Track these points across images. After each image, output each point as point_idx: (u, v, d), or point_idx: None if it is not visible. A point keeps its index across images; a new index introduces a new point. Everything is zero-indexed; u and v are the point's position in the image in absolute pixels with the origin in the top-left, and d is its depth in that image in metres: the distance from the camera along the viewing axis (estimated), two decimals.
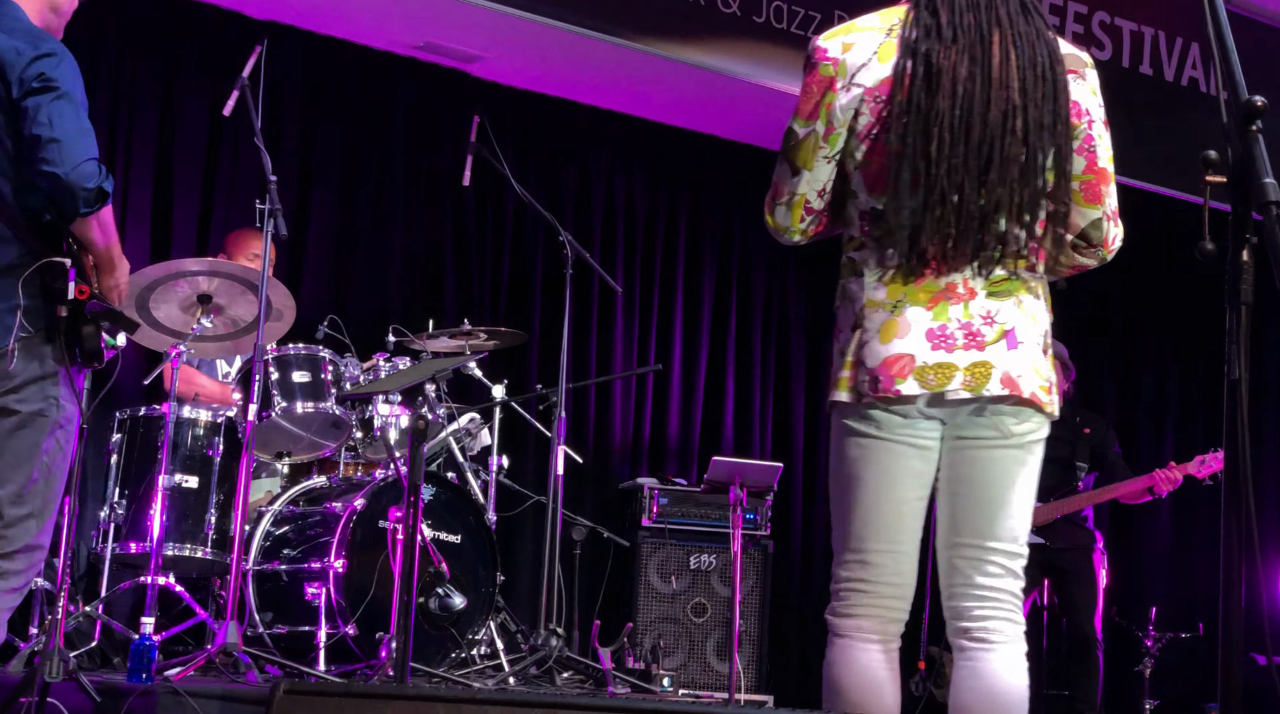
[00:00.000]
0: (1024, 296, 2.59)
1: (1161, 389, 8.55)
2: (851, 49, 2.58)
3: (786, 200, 2.63)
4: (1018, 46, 2.53)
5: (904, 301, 2.55)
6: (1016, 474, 2.62)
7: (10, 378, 3.11)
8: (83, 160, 3.07)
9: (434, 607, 4.71)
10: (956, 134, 2.49)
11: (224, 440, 4.84)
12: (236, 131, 6.15)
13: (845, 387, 2.58)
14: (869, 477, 2.60)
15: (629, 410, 7.26)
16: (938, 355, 2.52)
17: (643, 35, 6.42)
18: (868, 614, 2.62)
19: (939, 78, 2.50)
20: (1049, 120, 2.53)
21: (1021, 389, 2.54)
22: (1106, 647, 6.29)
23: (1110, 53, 7.44)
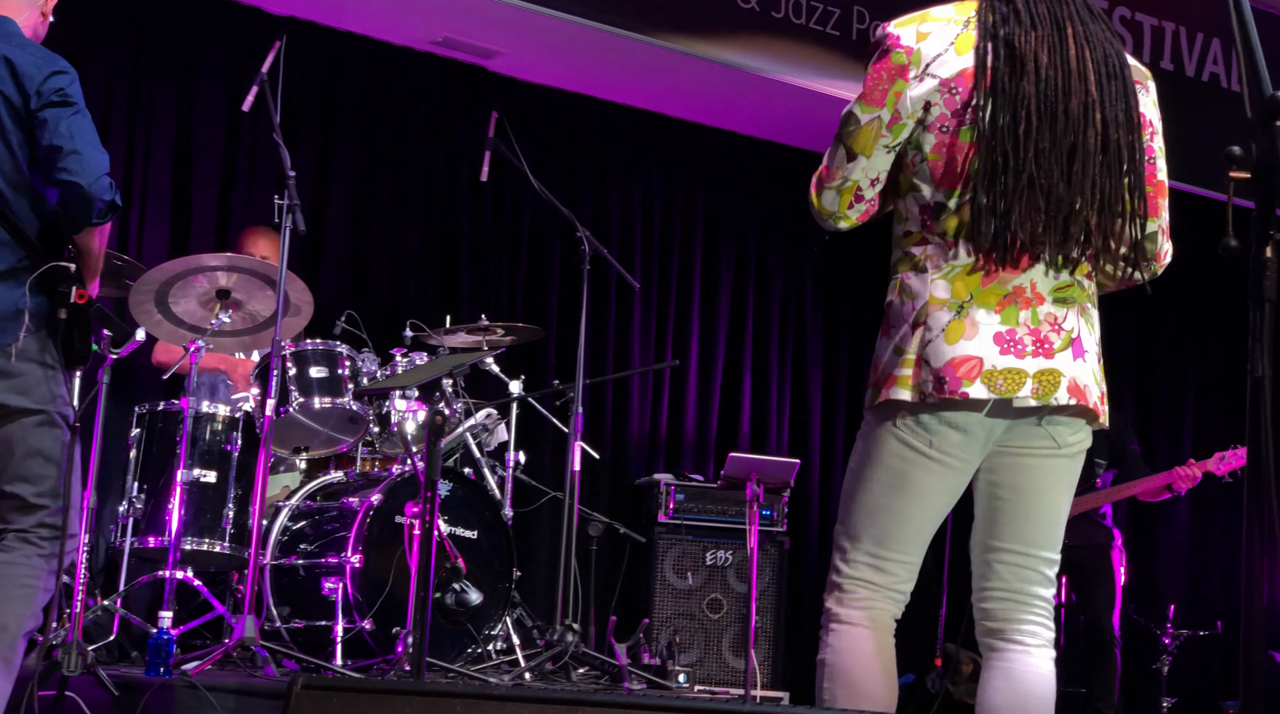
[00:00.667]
0: (1086, 304, 2.57)
1: (1180, 386, 8.52)
2: (927, 39, 2.52)
3: (838, 184, 2.57)
4: (1090, 43, 2.51)
5: (971, 302, 2.49)
6: (1064, 482, 2.61)
7: (19, 376, 3.17)
8: (101, 173, 3.19)
9: (450, 602, 4.71)
10: (1044, 118, 2.45)
11: (242, 435, 4.85)
12: (255, 127, 6.17)
13: (908, 385, 2.49)
14: (907, 492, 2.56)
15: (646, 406, 7.26)
16: (1007, 360, 2.47)
17: (661, 31, 6.42)
18: (874, 608, 2.61)
19: (1023, 62, 2.46)
20: (1123, 119, 2.50)
21: (1087, 398, 2.52)
22: (1124, 644, 6.28)
23: (1131, 48, 7.38)
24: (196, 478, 4.74)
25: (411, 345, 5.37)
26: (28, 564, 3.19)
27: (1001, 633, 2.60)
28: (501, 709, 1.66)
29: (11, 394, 3.17)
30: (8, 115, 3.19)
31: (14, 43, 3.26)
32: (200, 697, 3.74)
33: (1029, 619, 2.60)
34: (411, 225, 6.77)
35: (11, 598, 3.16)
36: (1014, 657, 2.58)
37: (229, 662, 4.18)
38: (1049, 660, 2.59)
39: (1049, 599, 2.62)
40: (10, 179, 3.19)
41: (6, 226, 3.16)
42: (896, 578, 2.61)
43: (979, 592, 2.63)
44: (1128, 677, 6.85)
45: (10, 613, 3.16)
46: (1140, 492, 6.16)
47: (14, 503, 3.21)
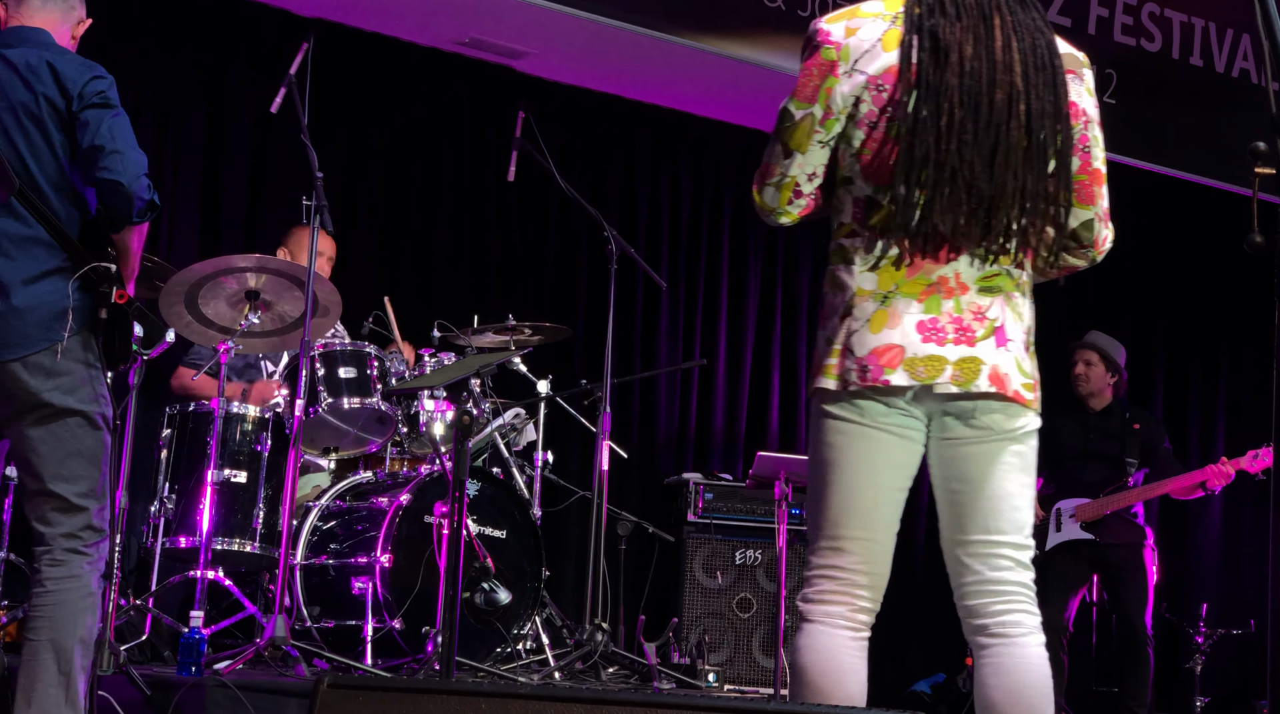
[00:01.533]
0: (1013, 293, 2.58)
1: (1212, 384, 8.47)
2: (855, 34, 2.56)
3: (776, 181, 2.62)
4: (1018, 33, 2.51)
5: (895, 292, 2.53)
6: (1014, 465, 2.60)
7: (64, 375, 3.21)
8: (141, 173, 3.24)
9: (479, 601, 4.73)
10: (967, 110, 2.47)
11: (272, 436, 4.87)
12: (284, 128, 6.19)
13: (831, 374, 2.56)
14: (848, 462, 2.58)
15: (674, 405, 7.26)
16: (928, 348, 2.51)
17: (687, 30, 6.42)
18: (838, 601, 2.59)
19: (947, 53, 2.48)
20: (1050, 110, 2.51)
21: (1007, 387, 2.53)
22: (1157, 643, 6.24)
23: (1160, 44, 7.37)
24: (227, 478, 4.77)
25: (439, 345, 5.39)
26: (83, 575, 3.22)
27: (986, 628, 2.59)
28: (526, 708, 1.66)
29: (57, 393, 3.20)
30: (50, 117, 3.25)
31: (53, 50, 3.33)
32: (232, 696, 3.76)
33: (1010, 609, 2.58)
34: (439, 226, 6.79)
35: (79, 610, 3.20)
36: (1001, 649, 2.56)
37: (260, 661, 4.20)
38: (1038, 646, 2.57)
39: (1026, 584, 2.60)
40: (53, 180, 3.25)
41: (49, 227, 3.21)
42: (856, 558, 2.59)
43: (957, 591, 2.63)
44: (1160, 676, 6.80)
45: (81, 626, 3.19)
46: (1172, 490, 6.13)
47: (56, 504, 3.23)
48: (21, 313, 3.18)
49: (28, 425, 3.22)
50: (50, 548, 3.22)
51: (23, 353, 3.18)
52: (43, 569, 3.21)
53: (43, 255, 3.22)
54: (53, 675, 3.15)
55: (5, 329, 3.18)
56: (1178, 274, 8.25)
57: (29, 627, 3.21)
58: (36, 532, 3.24)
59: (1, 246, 3.21)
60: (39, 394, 3.19)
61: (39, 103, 3.24)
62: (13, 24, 3.40)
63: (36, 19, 3.40)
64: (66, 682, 3.16)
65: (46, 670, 3.16)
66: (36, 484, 3.24)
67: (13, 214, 3.21)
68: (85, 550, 3.24)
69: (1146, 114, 7.26)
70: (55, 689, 3.14)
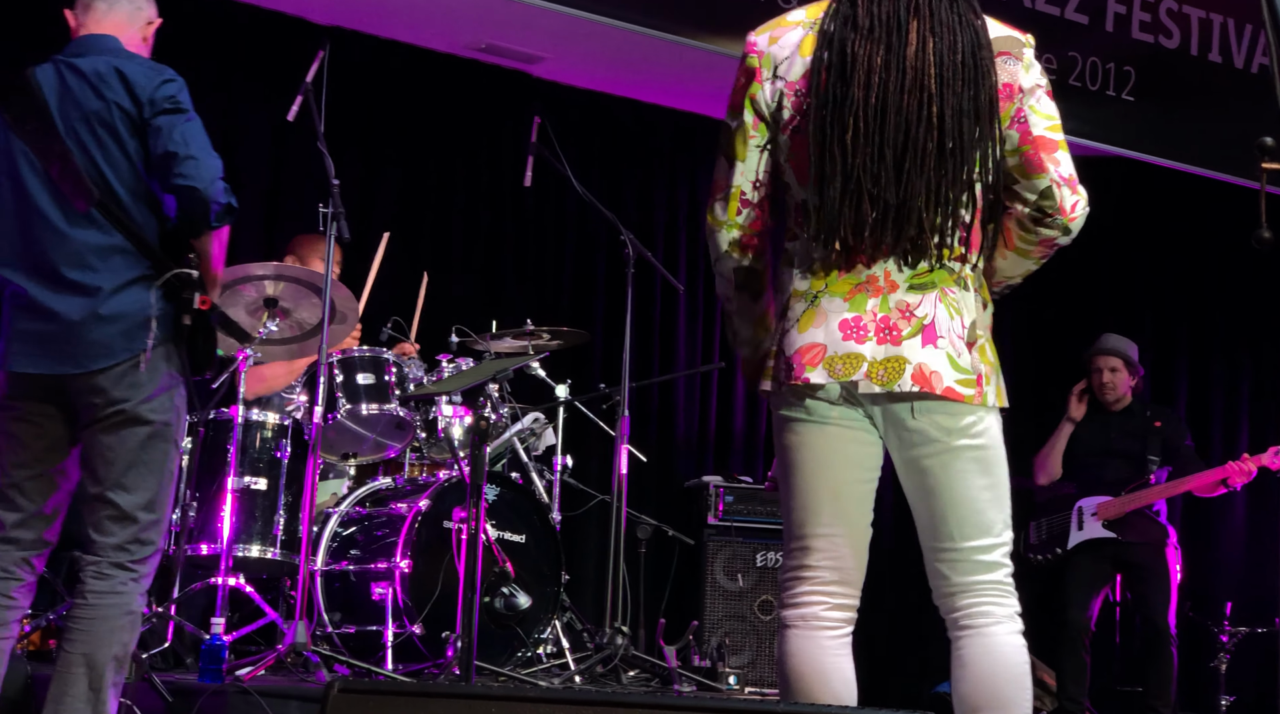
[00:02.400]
0: (950, 288, 2.56)
1: (1234, 380, 8.42)
2: (777, 42, 2.61)
3: (723, 193, 2.65)
4: (936, 34, 2.51)
5: (824, 292, 2.56)
6: (968, 470, 2.58)
7: (143, 387, 3.21)
8: (217, 177, 3.24)
9: (499, 606, 4.74)
10: (871, 124, 2.48)
11: (291, 442, 4.89)
12: (300, 136, 6.20)
13: (768, 375, 2.61)
14: (804, 460, 2.60)
15: (693, 408, 7.26)
16: (847, 346, 2.52)
17: (704, 33, 6.42)
18: (811, 602, 2.59)
19: (854, 68, 2.50)
20: (969, 108, 2.50)
21: (934, 385, 2.51)
22: (1181, 642, 6.22)
23: (1178, 41, 7.34)
24: (247, 485, 4.78)
25: (457, 350, 5.40)
26: (126, 591, 3.21)
27: (955, 622, 2.59)
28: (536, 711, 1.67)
29: (136, 403, 3.20)
30: (124, 125, 3.24)
31: (121, 56, 3.32)
32: (253, 702, 3.78)
33: (978, 602, 2.57)
34: (455, 231, 6.80)
35: (117, 627, 3.19)
36: (967, 641, 2.56)
37: (281, 667, 4.21)
38: (1007, 635, 2.55)
39: (998, 580, 2.58)
40: (130, 188, 3.24)
41: (130, 236, 3.21)
42: (824, 555, 2.59)
43: (933, 591, 2.63)
44: (1185, 675, 6.77)
45: (117, 643, 3.19)
46: (1195, 487, 6.10)
47: (111, 512, 3.21)
48: (106, 323, 3.18)
49: (100, 430, 3.21)
50: (99, 559, 3.20)
51: (107, 364, 3.17)
52: (87, 580, 3.20)
53: (124, 264, 3.21)
54: (83, 690, 3.15)
55: (90, 340, 3.17)
56: (1199, 271, 8.20)
57: (65, 637, 3.20)
58: (87, 539, 3.23)
59: (83, 257, 3.20)
60: (119, 404, 3.19)
61: (111, 111, 3.23)
62: (82, 33, 3.39)
63: (104, 24, 3.39)
64: (96, 698, 3.15)
65: (77, 685, 3.15)
66: (96, 489, 3.22)
67: (93, 224, 3.21)
68: (132, 566, 3.22)
69: (1165, 111, 7.24)
70: (84, 705, 3.14)
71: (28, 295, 3.22)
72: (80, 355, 3.18)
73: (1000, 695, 2.52)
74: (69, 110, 3.24)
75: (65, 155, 3.21)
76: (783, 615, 2.62)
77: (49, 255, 3.22)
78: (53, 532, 3.31)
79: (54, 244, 3.22)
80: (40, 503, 3.28)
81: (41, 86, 3.26)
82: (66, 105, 3.25)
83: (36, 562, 3.31)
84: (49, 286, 3.21)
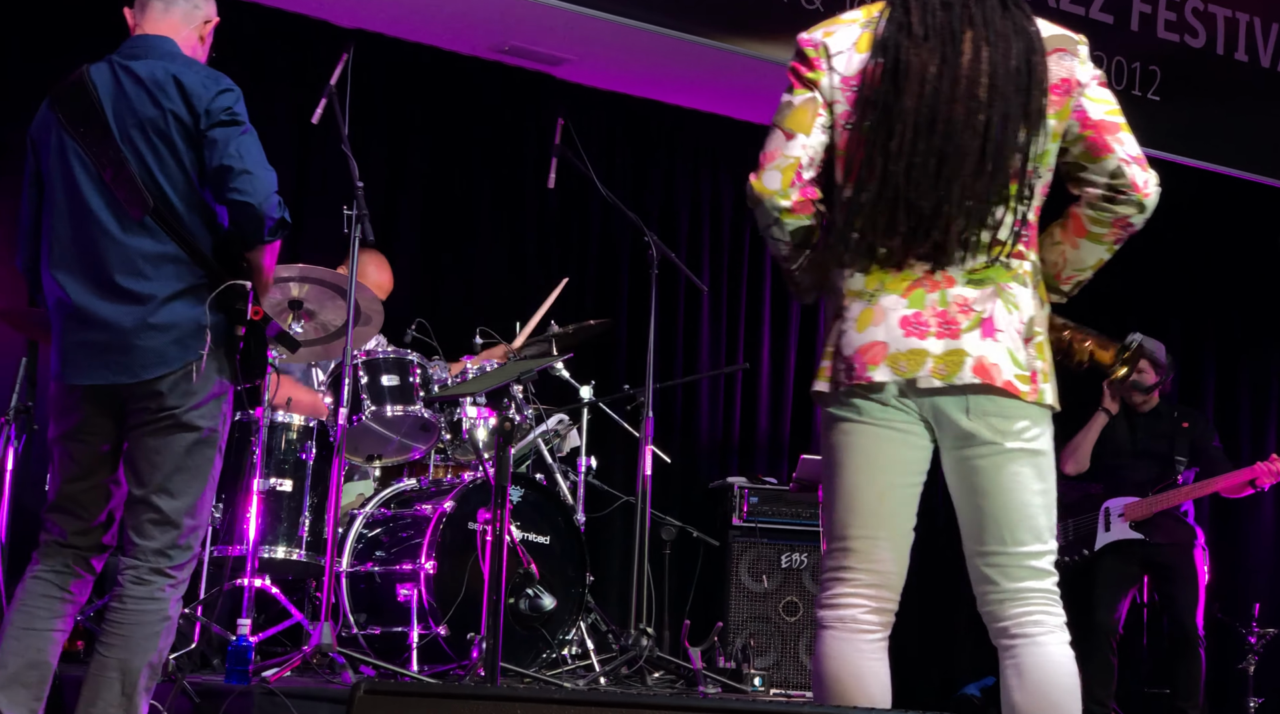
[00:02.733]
0: (1008, 284, 2.56)
1: (1262, 381, 8.38)
2: (833, 36, 2.62)
3: (778, 163, 2.62)
4: (990, 43, 2.52)
5: (880, 290, 2.55)
6: (1023, 474, 2.57)
7: (194, 394, 3.22)
8: (271, 192, 3.23)
9: (524, 607, 4.74)
10: (920, 132, 2.49)
11: (316, 444, 4.90)
12: (324, 139, 6.22)
13: (824, 376, 2.60)
14: (851, 461, 2.59)
15: (717, 409, 7.25)
16: (910, 342, 2.51)
17: (726, 34, 6.41)
18: (851, 604, 2.59)
19: (906, 76, 2.51)
20: (1016, 112, 2.51)
21: (994, 377, 2.50)
22: (1209, 643, 6.18)
23: (1204, 40, 7.30)
24: (273, 487, 4.80)
25: (481, 352, 5.41)
26: (163, 598, 3.23)
27: (1006, 630, 2.58)
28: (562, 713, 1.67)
29: (190, 411, 3.22)
30: (179, 135, 3.23)
31: (178, 61, 3.30)
32: (279, 703, 3.78)
33: (1030, 611, 2.57)
34: (480, 233, 6.81)
35: (153, 633, 3.21)
36: (1022, 650, 2.55)
37: (307, 668, 4.22)
38: (1060, 645, 2.55)
39: (1046, 589, 2.58)
40: (185, 198, 3.24)
41: (184, 245, 3.22)
42: (866, 557, 2.58)
43: (979, 597, 2.62)
44: (1213, 677, 6.72)
45: (152, 650, 3.21)
46: (1222, 488, 6.07)
47: (153, 515, 3.23)
48: (158, 332, 3.19)
49: (148, 433, 3.23)
50: (138, 564, 3.22)
51: (162, 372, 3.18)
52: (126, 585, 3.21)
53: (178, 273, 3.22)
54: (115, 696, 3.16)
55: (144, 349, 3.18)
56: (1225, 271, 8.16)
57: (100, 640, 3.22)
58: (127, 541, 3.25)
59: (137, 265, 3.21)
60: (170, 410, 3.20)
61: (166, 119, 3.22)
62: (139, 32, 3.38)
63: (160, 25, 3.37)
64: (129, 704, 3.17)
65: (110, 689, 3.16)
66: (140, 491, 3.24)
67: (147, 232, 3.21)
68: (171, 572, 3.23)
69: (1191, 110, 7.20)
70: (116, 710, 3.15)
71: (75, 303, 3.23)
72: (135, 365, 3.19)
73: (1056, 707, 2.52)
74: (124, 116, 3.24)
75: (120, 162, 3.21)
76: (820, 616, 2.61)
77: (102, 261, 3.22)
78: (110, 535, 3.35)
79: (108, 250, 3.22)
80: (98, 512, 3.31)
81: (97, 87, 3.26)
82: (122, 111, 3.24)
83: (95, 562, 3.35)
84: (101, 293, 3.22)
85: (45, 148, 3.33)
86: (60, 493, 3.30)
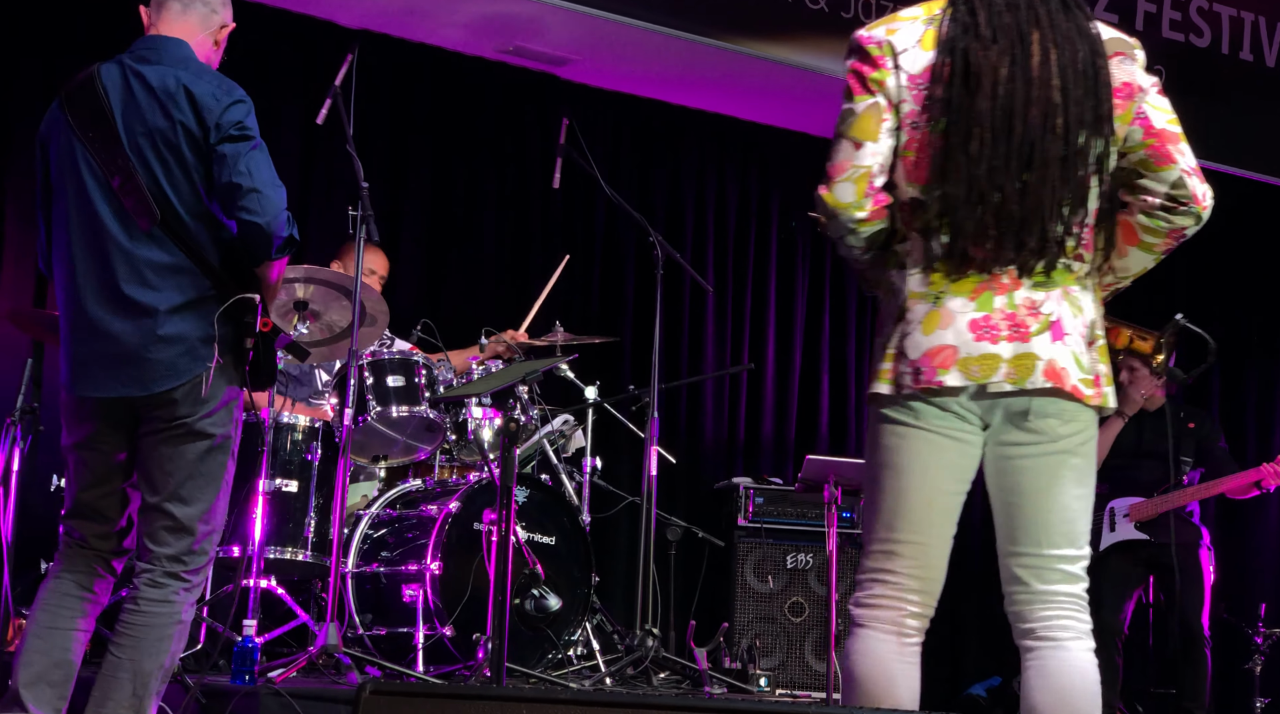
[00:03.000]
0: (1071, 287, 2.56)
1: (1269, 382, 8.36)
2: (896, 33, 2.56)
3: (849, 174, 2.57)
4: (1058, 45, 2.50)
5: (946, 292, 2.52)
6: (1067, 477, 2.57)
7: (205, 403, 3.22)
8: (280, 211, 3.22)
9: (530, 608, 4.74)
10: (998, 134, 2.47)
11: (322, 445, 4.90)
12: (329, 139, 6.22)
13: (886, 379, 2.55)
14: (903, 465, 2.57)
15: (722, 410, 7.25)
16: (982, 346, 2.49)
17: (730, 34, 6.41)
18: (890, 606, 2.58)
19: (979, 79, 2.48)
20: (1089, 117, 2.50)
21: (1064, 381, 2.50)
22: (1215, 644, 6.17)
23: (1209, 39, 7.29)
24: (278, 487, 4.80)
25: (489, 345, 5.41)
26: (177, 602, 3.23)
27: (1033, 632, 2.57)
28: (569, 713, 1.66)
29: (202, 419, 3.22)
30: (188, 147, 3.21)
31: (190, 68, 3.27)
32: (285, 704, 3.79)
33: (1057, 615, 2.57)
34: (485, 233, 6.81)
35: (165, 636, 3.21)
36: (1047, 653, 2.55)
37: (313, 669, 4.22)
38: (1085, 652, 2.55)
39: (1076, 594, 2.59)
40: (192, 210, 3.22)
41: (192, 256, 3.20)
42: (908, 561, 2.58)
43: (1007, 596, 2.62)
44: (1219, 677, 6.72)
45: (164, 653, 3.21)
46: (1228, 489, 6.06)
47: (167, 522, 3.23)
48: (168, 344, 3.18)
49: (160, 441, 3.22)
50: (153, 568, 3.22)
51: (174, 384, 3.18)
52: (140, 588, 3.22)
53: (186, 284, 3.21)
54: (126, 697, 3.16)
55: (153, 361, 3.18)
56: (1232, 271, 8.15)
57: (114, 641, 3.22)
58: (142, 548, 3.25)
59: (145, 277, 3.19)
60: (182, 418, 3.20)
61: (176, 131, 3.20)
62: (153, 32, 3.34)
63: (175, 27, 3.34)
64: (139, 704, 3.17)
65: (121, 690, 3.17)
66: (154, 499, 3.24)
67: (155, 242, 3.20)
68: (185, 576, 3.24)
69: (1195, 110, 7.15)
70: (126, 710, 3.16)
71: (86, 313, 3.22)
72: (146, 377, 3.19)
73: (1078, 713, 2.51)
74: (134, 125, 3.21)
75: (128, 171, 3.19)
76: (857, 615, 2.60)
77: (111, 270, 3.21)
78: (131, 539, 3.35)
79: (116, 259, 3.21)
80: (117, 517, 3.32)
81: (108, 92, 3.23)
82: (131, 119, 3.22)
83: (115, 564, 3.35)
84: (110, 305, 3.21)
85: (54, 149, 3.31)
86: (77, 500, 3.31)
